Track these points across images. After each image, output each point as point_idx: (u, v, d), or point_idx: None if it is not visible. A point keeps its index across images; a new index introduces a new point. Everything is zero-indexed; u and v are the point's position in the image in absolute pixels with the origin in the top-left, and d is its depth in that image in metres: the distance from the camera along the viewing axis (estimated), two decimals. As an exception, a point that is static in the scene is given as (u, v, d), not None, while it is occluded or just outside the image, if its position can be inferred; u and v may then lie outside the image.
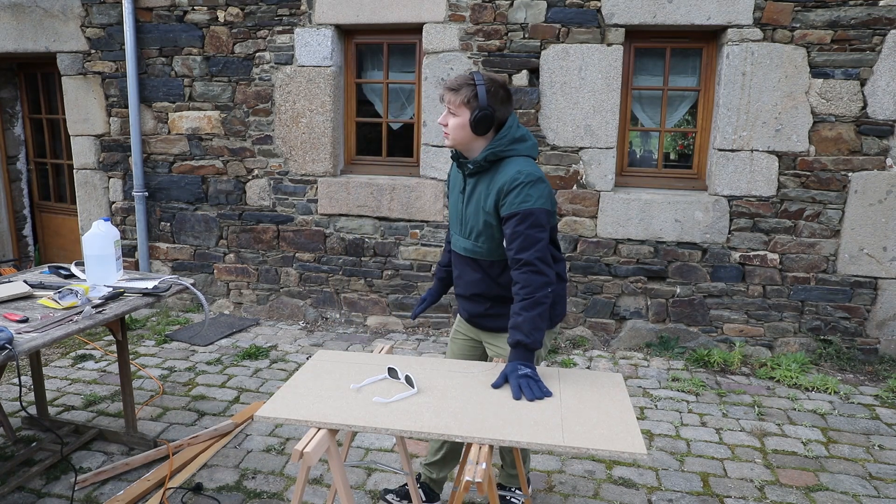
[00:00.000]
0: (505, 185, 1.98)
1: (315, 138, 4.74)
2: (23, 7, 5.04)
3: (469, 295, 2.25)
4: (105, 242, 2.82)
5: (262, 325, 4.91)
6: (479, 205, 2.07)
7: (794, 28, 3.97)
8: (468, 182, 2.12)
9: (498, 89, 2.03)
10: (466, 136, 2.05)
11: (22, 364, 3.87)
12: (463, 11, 4.34)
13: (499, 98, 2.03)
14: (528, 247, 1.96)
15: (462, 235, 2.18)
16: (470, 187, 2.12)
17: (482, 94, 1.99)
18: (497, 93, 2.02)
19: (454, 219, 2.24)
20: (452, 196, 2.25)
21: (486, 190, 2.05)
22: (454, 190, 2.24)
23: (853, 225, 4.11)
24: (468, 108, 2.01)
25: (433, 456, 2.49)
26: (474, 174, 2.09)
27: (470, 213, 2.12)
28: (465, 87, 2.00)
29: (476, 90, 2.00)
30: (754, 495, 2.71)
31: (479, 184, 2.08)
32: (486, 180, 2.06)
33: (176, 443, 2.97)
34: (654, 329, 4.48)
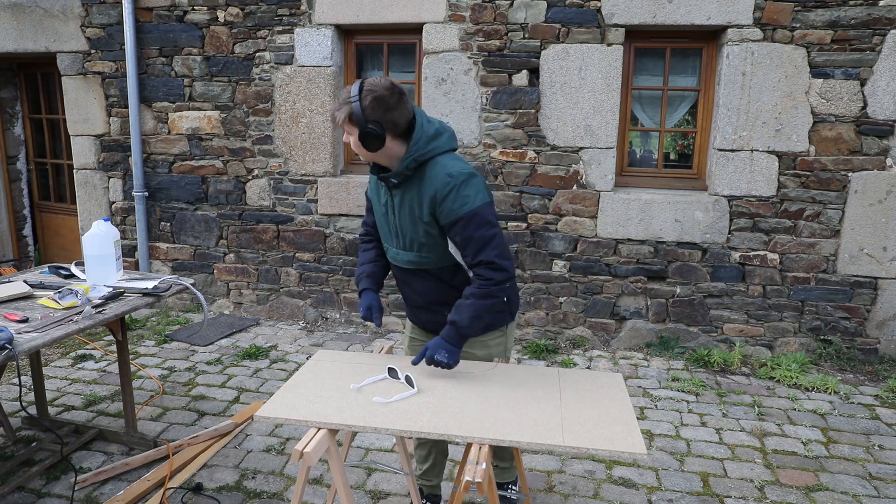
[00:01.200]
0: (437, 192, 1.87)
1: (315, 138, 4.74)
2: (23, 7, 5.04)
3: (424, 304, 2.15)
4: (105, 242, 2.82)
5: (262, 325, 4.91)
6: (414, 215, 1.95)
7: (794, 28, 3.97)
8: (394, 194, 1.98)
9: (380, 98, 1.83)
10: (362, 153, 1.92)
11: (22, 364, 3.87)
12: (463, 11, 4.34)
13: (384, 106, 1.83)
14: (484, 247, 1.89)
15: (401, 248, 2.06)
16: (398, 199, 1.98)
17: (357, 111, 1.82)
18: (380, 102, 1.83)
19: (385, 232, 2.11)
20: (376, 208, 2.11)
21: (417, 199, 1.93)
22: (376, 202, 2.10)
23: (853, 225, 4.11)
24: (356, 127, 1.85)
25: (423, 463, 2.47)
26: (401, 184, 1.95)
27: (405, 225, 1.99)
28: (343, 107, 1.84)
29: (351, 109, 1.82)
30: (754, 495, 2.71)
31: (407, 194, 1.95)
32: (415, 189, 1.92)
33: (176, 443, 2.97)
34: (654, 329, 4.48)
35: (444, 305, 2.08)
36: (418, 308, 2.22)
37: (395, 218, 2.02)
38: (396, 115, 1.86)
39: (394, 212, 2.02)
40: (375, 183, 2.11)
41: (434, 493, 2.55)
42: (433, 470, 2.48)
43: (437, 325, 2.14)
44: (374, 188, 2.13)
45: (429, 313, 2.18)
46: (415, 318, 2.29)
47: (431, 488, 2.53)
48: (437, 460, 2.47)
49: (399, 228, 2.03)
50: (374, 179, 2.11)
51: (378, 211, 2.11)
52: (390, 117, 1.85)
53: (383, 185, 2.02)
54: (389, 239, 2.11)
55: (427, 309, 2.17)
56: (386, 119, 1.85)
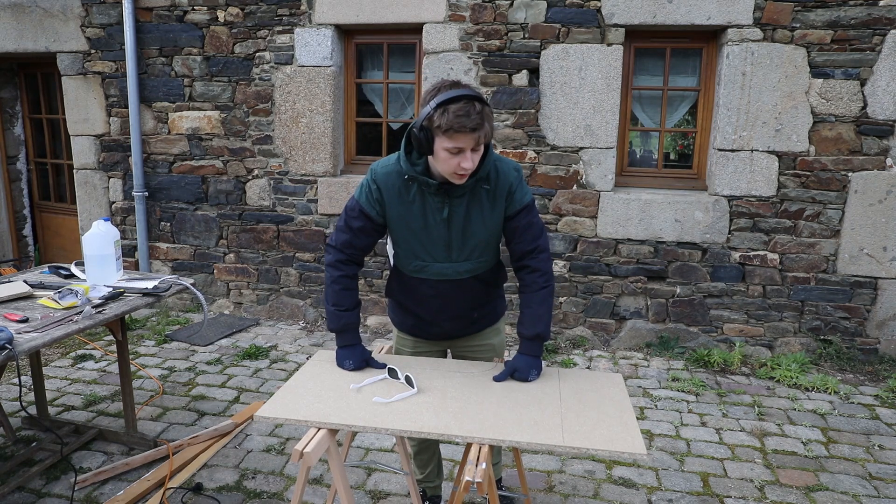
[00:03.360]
0: (511, 184, 1.90)
1: (315, 138, 4.74)
2: (23, 7, 5.04)
3: (459, 314, 2.08)
4: (105, 242, 2.82)
5: (262, 325, 4.91)
6: (484, 217, 1.91)
7: (794, 28, 3.97)
8: (455, 204, 1.88)
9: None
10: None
11: (22, 364, 3.87)
12: (463, 11, 4.34)
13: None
14: (540, 234, 1.97)
15: (454, 261, 1.97)
16: (461, 208, 1.89)
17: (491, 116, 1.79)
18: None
19: (431, 248, 1.95)
20: (411, 224, 1.92)
21: (490, 199, 1.90)
22: (418, 215, 1.91)
23: (853, 225, 4.11)
24: (491, 134, 1.80)
25: (425, 469, 2.47)
26: (464, 194, 1.88)
27: (471, 235, 1.93)
28: (486, 119, 1.72)
29: (489, 108, 1.75)
30: (754, 495, 2.71)
31: (475, 198, 1.89)
32: (483, 193, 1.89)
33: (176, 443, 2.97)
34: (654, 329, 4.48)
35: (480, 308, 2.10)
36: (448, 318, 2.09)
37: (457, 230, 1.91)
38: None
39: (453, 223, 1.90)
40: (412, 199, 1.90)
41: (436, 494, 2.57)
42: (434, 472, 2.50)
43: (457, 333, 2.15)
44: (400, 204, 1.91)
45: (457, 322, 2.11)
46: (429, 331, 2.15)
47: (433, 489, 2.56)
48: (437, 463, 2.49)
49: (460, 239, 1.93)
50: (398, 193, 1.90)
51: (414, 229, 1.93)
52: None
53: (433, 201, 1.88)
54: (436, 253, 1.95)
55: (459, 318, 2.10)
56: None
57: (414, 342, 2.25)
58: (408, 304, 2.13)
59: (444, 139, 1.71)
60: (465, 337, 2.22)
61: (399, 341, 2.29)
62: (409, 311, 2.15)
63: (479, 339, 2.22)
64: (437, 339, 2.21)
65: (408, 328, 2.21)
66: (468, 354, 2.25)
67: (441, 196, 1.87)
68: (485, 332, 2.22)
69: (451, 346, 2.27)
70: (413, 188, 1.89)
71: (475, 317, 2.14)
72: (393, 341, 2.34)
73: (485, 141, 1.75)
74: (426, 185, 1.85)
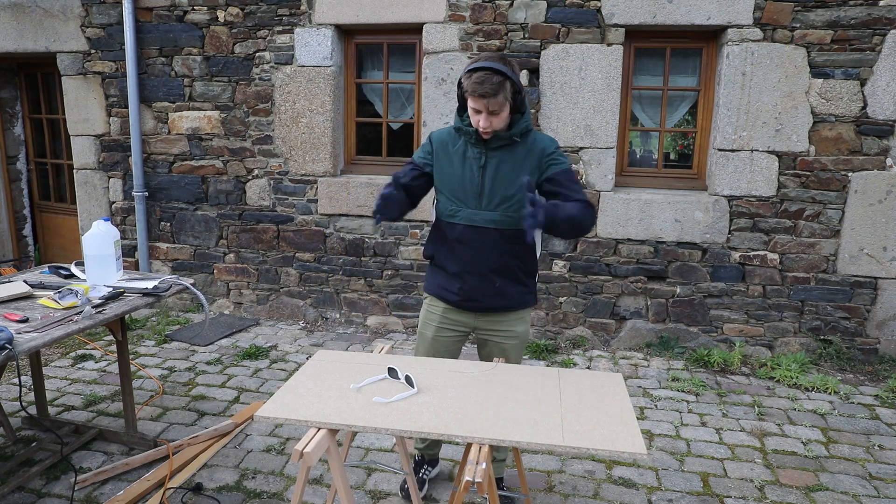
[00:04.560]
0: (546, 148, 2.20)
1: (315, 138, 4.74)
2: (23, 7, 5.04)
3: (479, 270, 2.22)
4: (105, 242, 2.82)
5: (262, 325, 4.91)
6: (517, 174, 2.15)
7: (794, 28, 3.97)
8: (490, 155, 2.17)
9: (515, 67, 2.12)
10: (505, 123, 2.14)
11: (22, 364, 3.87)
12: (463, 11, 4.34)
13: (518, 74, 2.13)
14: (584, 195, 2.17)
15: (483, 208, 2.19)
16: (494, 161, 2.17)
17: (517, 81, 2.08)
18: (516, 70, 2.12)
19: (465, 192, 2.20)
20: (453, 169, 2.22)
21: (523, 159, 2.17)
22: (459, 164, 2.21)
23: (853, 225, 4.11)
24: (508, 103, 2.08)
25: (425, 440, 2.59)
26: (501, 147, 2.17)
27: (500, 185, 2.17)
28: (501, 87, 2.03)
29: (511, 82, 2.05)
30: (754, 495, 2.71)
31: (509, 155, 2.17)
32: (520, 150, 2.17)
33: (176, 443, 2.97)
34: (654, 329, 4.48)
35: (498, 275, 2.23)
36: (469, 273, 2.24)
37: (489, 178, 2.17)
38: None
39: (486, 172, 2.17)
40: (458, 149, 2.22)
41: (434, 458, 2.67)
42: (433, 442, 2.61)
43: (480, 296, 2.26)
44: (447, 153, 2.24)
45: (479, 280, 2.24)
46: (454, 290, 2.29)
47: (431, 455, 2.65)
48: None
49: (491, 188, 2.17)
50: (448, 144, 2.24)
51: (454, 174, 2.22)
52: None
53: (473, 151, 2.19)
54: (468, 199, 2.20)
55: (479, 274, 2.23)
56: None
57: (442, 314, 2.35)
58: (438, 255, 2.33)
59: (469, 100, 2.08)
60: (489, 315, 2.31)
61: (427, 311, 2.41)
62: (437, 266, 2.35)
63: (504, 323, 2.31)
64: (463, 305, 2.29)
65: (436, 288, 2.36)
66: (491, 338, 2.34)
67: (480, 147, 2.18)
68: (510, 317, 2.31)
69: (476, 323, 2.34)
70: (459, 140, 2.23)
71: (497, 286, 2.24)
72: (420, 316, 2.46)
73: (500, 109, 2.05)
74: (468, 134, 2.17)
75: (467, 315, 2.33)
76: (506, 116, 2.11)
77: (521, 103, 2.14)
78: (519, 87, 2.10)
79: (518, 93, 2.11)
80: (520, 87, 2.11)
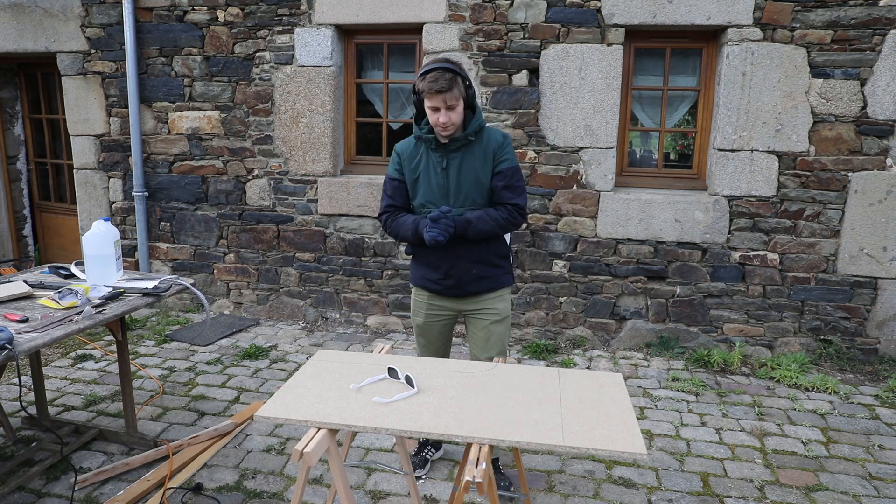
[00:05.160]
0: (499, 146, 2.39)
1: (315, 138, 4.74)
2: (23, 7, 5.04)
3: (457, 262, 2.44)
4: (105, 242, 2.82)
5: (262, 325, 4.91)
6: (476, 172, 2.38)
7: (794, 28, 3.97)
8: (451, 157, 2.38)
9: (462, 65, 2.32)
10: (461, 119, 2.33)
11: (22, 364, 3.87)
12: (463, 11, 4.34)
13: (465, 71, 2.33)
14: (521, 193, 2.41)
15: (453, 205, 2.40)
16: (456, 161, 2.38)
17: (466, 76, 2.29)
18: (463, 68, 2.31)
19: (434, 194, 2.41)
20: (424, 176, 2.42)
21: (481, 156, 2.38)
22: (424, 170, 2.42)
23: (853, 225, 4.11)
24: (462, 97, 2.28)
25: None
26: (460, 148, 2.37)
27: (464, 183, 2.38)
28: (454, 82, 2.23)
29: (461, 77, 2.26)
30: (754, 495, 2.71)
31: (468, 155, 2.38)
32: (476, 148, 2.38)
33: (176, 443, 2.97)
34: (654, 329, 4.48)
35: (475, 263, 2.45)
36: (448, 265, 2.45)
37: (453, 178, 2.39)
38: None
39: (450, 173, 2.39)
40: (419, 157, 2.44)
41: (438, 441, 2.77)
42: None
43: (462, 284, 2.47)
44: (411, 164, 2.45)
45: (457, 269, 2.45)
46: (436, 278, 2.51)
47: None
48: None
49: (456, 187, 2.39)
50: (411, 155, 2.46)
51: (423, 179, 2.43)
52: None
53: (434, 156, 2.40)
54: (436, 200, 2.42)
55: (457, 265, 2.44)
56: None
57: (428, 301, 2.59)
58: (418, 251, 2.54)
59: (426, 100, 2.28)
60: (471, 298, 2.53)
61: (415, 300, 2.64)
62: (421, 260, 2.55)
63: (485, 302, 2.53)
64: (446, 293, 2.52)
65: (419, 280, 2.58)
66: (474, 316, 2.56)
67: (441, 151, 2.39)
68: (489, 297, 2.53)
69: (461, 306, 2.56)
70: (421, 148, 2.45)
71: (475, 272, 2.47)
72: (411, 305, 2.67)
73: (457, 103, 2.26)
74: (428, 142, 2.39)
75: (451, 300, 2.56)
76: (461, 111, 2.31)
77: (472, 98, 2.35)
78: (469, 82, 2.31)
79: (469, 87, 2.31)
80: (469, 82, 2.31)
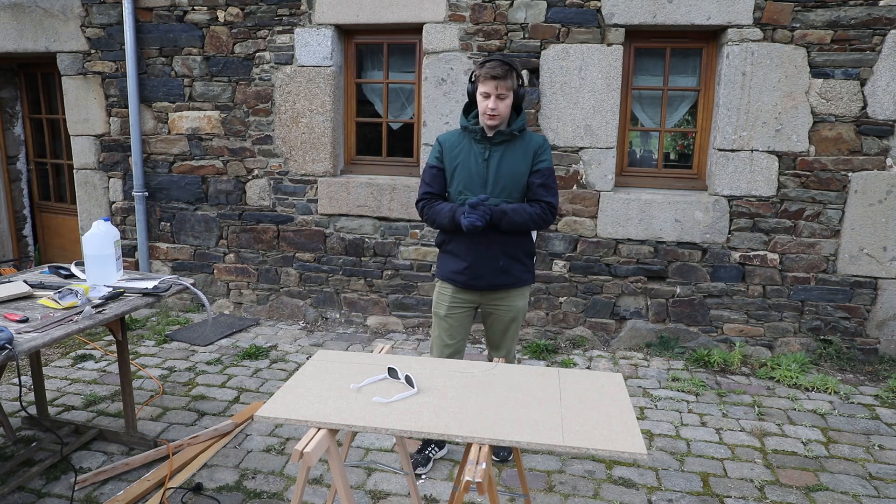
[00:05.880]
0: (539, 147, 2.56)
1: (315, 138, 4.74)
2: (23, 7, 5.04)
3: (487, 250, 2.55)
4: (105, 242, 2.82)
5: (262, 325, 4.91)
6: (517, 167, 2.52)
7: (794, 28, 3.97)
8: (493, 150, 2.53)
9: (519, 69, 2.50)
10: (508, 113, 2.50)
11: (22, 364, 3.87)
12: (463, 11, 4.34)
13: (521, 77, 2.52)
14: (555, 194, 2.56)
15: (489, 195, 2.50)
16: (497, 154, 2.53)
17: (522, 77, 2.49)
18: (520, 72, 2.50)
19: (472, 182, 2.54)
20: (465, 164, 2.55)
21: (522, 153, 2.53)
22: (465, 159, 2.56)
23: (853, 225, 4.11)
24: (513, 91, 2.46)
25: None
26: (503, 142, 2.53)
27: (503, 175, 2.52)
28: (510, 73, 2.41)
29: (517, 73, 2.45)
30: (754, 495, 2.71)
31: (509, 150, 2.53)
32: (519, 145, 2.54)
33: (176, 443, 2.97)
34: (654, 329, 4.48)
35: (503, 255, 2.57)
36: (477, 253, 2.55)
37: (493, 169, 2.53)
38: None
39: (490, 164, 2.53)
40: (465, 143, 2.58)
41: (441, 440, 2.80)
42: None
43: (488, 275, 2.58)
44: (452, 152, 2.59)
45: (485, 258, 2.56)
46: (462, 269, 2.60)
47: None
48: None
49: (495, 178, 2.52)
50: (453, 144, 2.60)
51: (463, 168, 2.56)
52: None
53: (477, 147, 2.55)
54: (475, 188, 2.54)
55: (487, 257, 2.55)
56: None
57: (452, 294, 2.68)
58: (449, 240, 2.64)
59: (480, 86, 2.45)
60: (493, 293, 2.65)
61: (439, 293, 2.74)
62: (449, 252, 2.65)
63: (505, 299, 2.67)
64: (471, 285, 2.62)
65: (446, 273, 2.68)
66: (494, 310, 2.69)
67: (484, 143, 2.55)
68: (511, 293, 2.66)
69: (482, 299, 2.69)
70: (464, 139, 2.59)
71: (502, 265, 2.58)
72: (434, 298, 2.78)
73: (507, 94, 2.43)
74: (474, 132, 2.54)
75: (473, 293, 2.67)
76: (509, 105, 2.47)
77: (521, 99, 2.53)
78: (522, 82, 2.49)
79: (521, 86, 2.50)
80: (522, 83, 2.50)
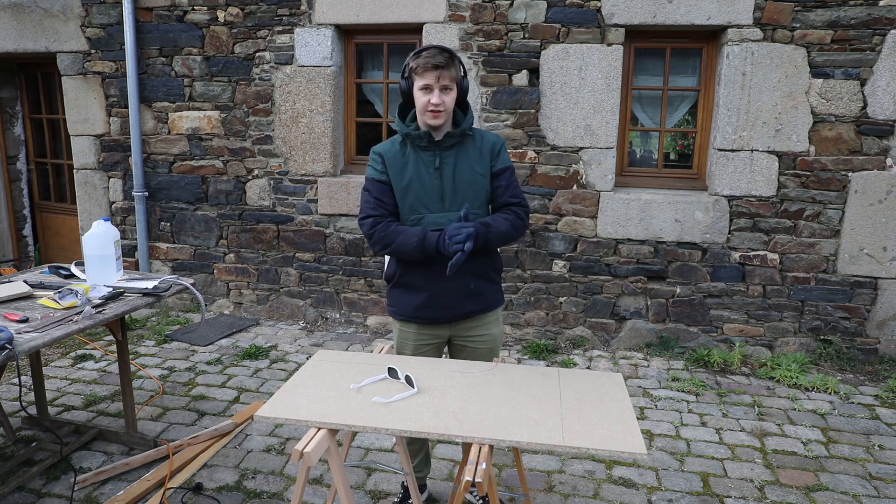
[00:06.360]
0: (494, 145, 2.20)
1: (315, 138, 4.74)
2: (23, 7, 5.04)
3: (454, 277, 2.08)
4: (105, 242, 2.82)
5: (262, 325, 4.91)
6: (472, 171, 2.15)
7: (794, 28, 3.97)
8: (444, 156, 2.12)
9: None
10: (451, 109, 2.12)
11: (22, 364, 3.87)
12: (463, 11, 4.34)
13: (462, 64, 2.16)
14: (520, 194, 2.22)
15: (448, 209, 2.13)
16: (450, 160, 2.13)
17: (463, 67, 2.13)
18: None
19: (426, 197, 2.12)
20: (408, 178, 2.12)
21: (476, 155, 2.16)
22: (416, 173, 2.12)
23: (853, 225, 4.11)
24: (457, 83, 2.09)
25: (414, 460, 2.51)
26: (453, 146, 2.14)
27: (461, 183, 2.13)
28: (452, 61, 2.05)
29: (459, 61, 2.09)
30: (754, 495, 2.71)
31: (462, 153, 2.14)
32: (471, 147, 2.16)
33: (176, 443, 2.97)
34: (654, 329, 4.48)
35: (473, 274, 2.17)
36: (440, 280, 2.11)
37: (448, 179, 2.13)
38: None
39: (444, 173, 2.13)
40: (406, 159, 2.14)
41: (422, 484, 2.61)
42: (422, 462, 2.55)
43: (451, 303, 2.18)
44: (397, 167, 2.14)
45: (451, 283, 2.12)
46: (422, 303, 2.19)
47: (420, 479, 2.58)
48: (425, 455, 2.54)
49: (452, 188, 2.13)
50: (395, 157, 2.15)
51: (411, 182, 2.12)
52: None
53: (424, 156, 2.13)
54: (431, 204, 2.12)
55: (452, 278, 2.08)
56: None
57: (416, 333, 2.26)
58: (404, 270, 2.20)
59: (418, 80, 2.04)
60: (463, 322, 2.25)
61: (400, 336, 2.31)
62: (404, 286, 2.23)
63: (478, 327, 2.27)
64: (437, 320, 2.22)
65: (409, 312, 2.24)
66: (468, 344, 2.28)
67: (432, 150, 2.13)
68: (484, 320, 2.28)
69: (451, 332, 2.28)
70: (407, 147, 2.16)
71: (472, 288, 2.19)
72: (394, 339, 2.36)
73: (451, 86, 2.05)
74: (418, 137, 2.11)
75: (442, 327, 2.26)
76: (454, 98, 2.08)
77: (465, 92, 2.15)
78: (465, 72, 2.13)
79: (464, 77, 2.12)
80: (465, 72, 2.13)
